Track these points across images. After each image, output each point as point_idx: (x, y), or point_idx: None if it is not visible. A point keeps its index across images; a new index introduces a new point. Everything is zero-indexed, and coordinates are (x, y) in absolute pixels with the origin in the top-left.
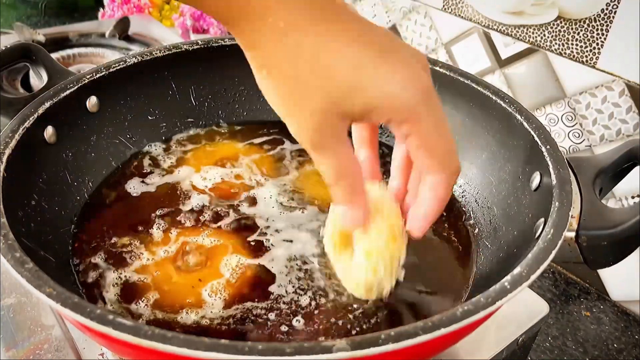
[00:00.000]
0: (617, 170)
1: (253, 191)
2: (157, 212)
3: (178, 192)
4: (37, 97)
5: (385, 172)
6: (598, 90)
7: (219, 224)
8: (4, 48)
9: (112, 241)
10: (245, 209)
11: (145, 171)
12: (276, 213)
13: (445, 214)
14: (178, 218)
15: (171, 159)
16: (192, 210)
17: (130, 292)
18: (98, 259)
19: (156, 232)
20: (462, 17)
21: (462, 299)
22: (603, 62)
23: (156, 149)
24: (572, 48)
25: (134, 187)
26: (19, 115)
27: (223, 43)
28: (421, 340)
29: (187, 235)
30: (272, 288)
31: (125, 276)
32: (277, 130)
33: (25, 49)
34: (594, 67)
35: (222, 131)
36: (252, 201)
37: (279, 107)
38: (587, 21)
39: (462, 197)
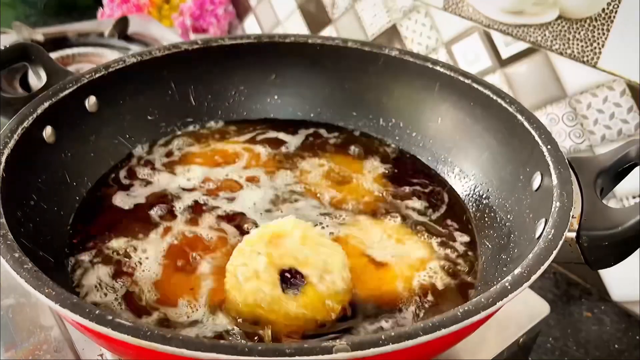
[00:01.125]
0: (618, 170)
1: (247, 190)
2: (152, 213)
3: (171, 192)
4: (36, 97)
5: None
6: (599, 90)
7: (220, 226)
8: (3, 48)
9: (106, 242)
10: (229, 205)
11: (139, 170)
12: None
13: (445, 214)
14: (172, 220)
15: (168, 158)
16: (186, 210)
17: (127, 296)
18: (91, 258)
19: (152, 233)
20: (462, 16)
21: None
22: (604, 62)
23: (154, 148)
24: (573, 48)
25: (127, 184)
26: (18, 115)
27: (223, 43)
28: (422, 341)
29: (183, 237)
30: None
31: (117, 277)
32: (276, 128)
33: (24, 49)
34: (594, 66)
35: (222, 130)
36: (241, 201)
37: None
38: (588, 21)
39: (462, 197)
